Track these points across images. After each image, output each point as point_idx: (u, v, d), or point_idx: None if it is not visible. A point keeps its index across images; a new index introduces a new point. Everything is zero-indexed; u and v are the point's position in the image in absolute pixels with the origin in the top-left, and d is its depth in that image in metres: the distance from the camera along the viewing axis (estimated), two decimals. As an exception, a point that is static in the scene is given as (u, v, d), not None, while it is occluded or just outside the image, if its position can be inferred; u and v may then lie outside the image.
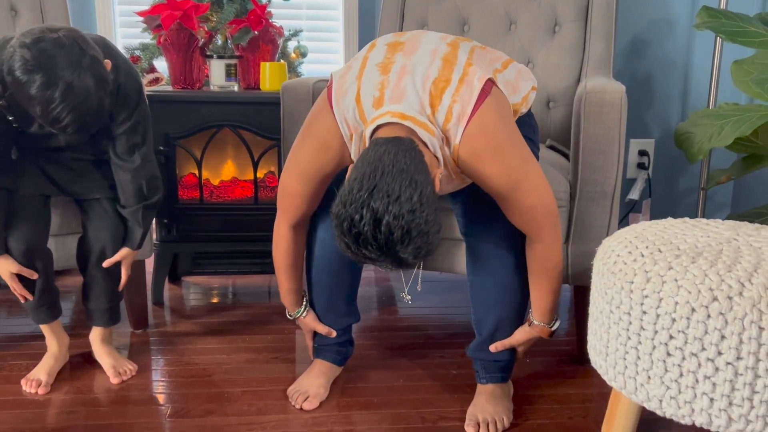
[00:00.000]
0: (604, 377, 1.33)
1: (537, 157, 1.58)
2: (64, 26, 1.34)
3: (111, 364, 1.71)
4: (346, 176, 1.20)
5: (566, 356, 1.87)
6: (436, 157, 1.30)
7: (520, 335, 1.54)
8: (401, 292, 1.76)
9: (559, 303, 1.63)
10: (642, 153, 2.58)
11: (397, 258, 1.14)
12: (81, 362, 1.79)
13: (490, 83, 1.30)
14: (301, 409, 1.57)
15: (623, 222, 2.57)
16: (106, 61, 1.39)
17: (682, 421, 1.18)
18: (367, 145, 1.29)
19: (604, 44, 2.10)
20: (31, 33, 1.28)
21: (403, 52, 1.32)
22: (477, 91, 1.27)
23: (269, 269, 2.31)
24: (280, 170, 2.17)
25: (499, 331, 1.53)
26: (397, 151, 1.16)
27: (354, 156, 1.37)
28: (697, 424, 1.17)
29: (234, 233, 2.20)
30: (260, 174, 2.20)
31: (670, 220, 1.40)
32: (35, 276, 1.58)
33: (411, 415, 1.56)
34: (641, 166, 2.59)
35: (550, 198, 1.37)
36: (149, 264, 2.20)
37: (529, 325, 1.53)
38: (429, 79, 1.27)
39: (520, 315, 1.54)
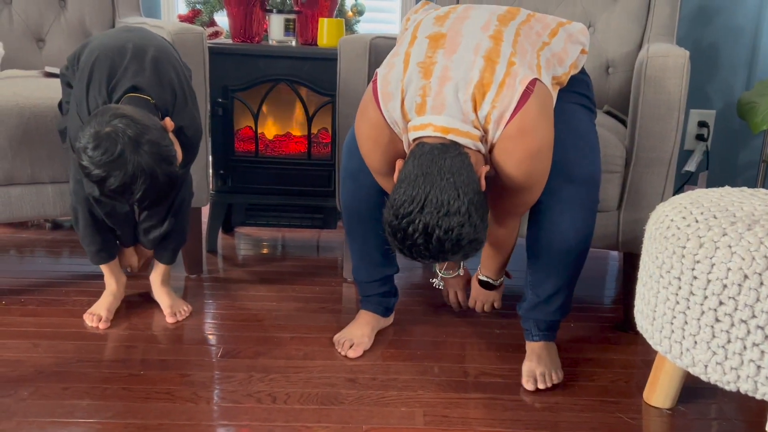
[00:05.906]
0: (650, 341, 1.34)
1: (594, 114, 1.56)
2: (121, 109, 1.39)
3: (168, 304, 1.79)
4: (395, 176, 1.29)
5: (611, 323, 1.87)
6: (482, 154, 1.33)
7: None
8: (432, 278, 1.81)
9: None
10: (702, 124, 2.52)
11: (447, 260, 1.26)
12: (137, 302, 1.87)
13: (534, 82, 1.29)
14: (346, 356, 1.62)
15: (678, 194, 2.53)
16: (165, 120, 1.47)
17: (727, 388, 1.18)
18: (411, 146, 1.33)
19: (670, 9, 2.04)
20: (90, 133, 1.35)
21: (445, 51, 1.31)
22: (518, 94, 1.27)
23: (319, 224, 2.36)
24: (333, 127, 2.20)
25: (558, 295, 1.54)
26: (444, 159, 1.23)
27: (406, 147, 1.38)
28: (742, 391, 1.17)
29: (286, 187, 2.25)
30: (314, 130, 2.23)
31: (727, 188, 1.38)
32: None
33: (453, 369, 1.59)
34: (700, 137, 2.52)
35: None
36: (204, 213, 2.26)
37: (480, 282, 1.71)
38: (471, 84, 1.28)
39: (575, 280, 1.55)
